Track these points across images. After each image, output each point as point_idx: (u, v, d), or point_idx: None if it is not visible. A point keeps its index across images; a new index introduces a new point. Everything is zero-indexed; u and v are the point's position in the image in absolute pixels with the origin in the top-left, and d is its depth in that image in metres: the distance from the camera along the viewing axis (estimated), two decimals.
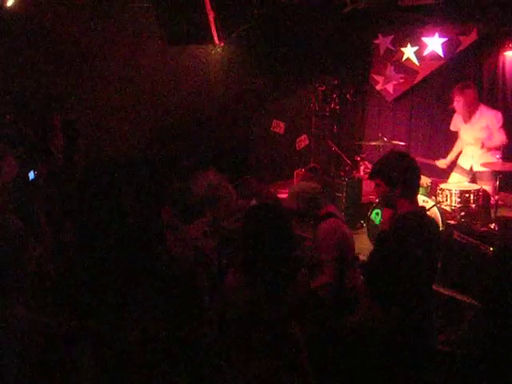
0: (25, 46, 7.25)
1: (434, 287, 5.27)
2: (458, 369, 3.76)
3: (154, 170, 7.98)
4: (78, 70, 7.82)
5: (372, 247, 4.01)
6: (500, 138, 6.97)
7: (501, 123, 6.97)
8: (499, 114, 7.04)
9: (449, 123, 7.55)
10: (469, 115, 7.09)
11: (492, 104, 8.20)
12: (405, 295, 3.14)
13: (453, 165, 7.60)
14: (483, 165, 7.07)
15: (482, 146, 7.07)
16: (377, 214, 7.11)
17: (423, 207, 3.85)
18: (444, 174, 7.74)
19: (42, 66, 7.46)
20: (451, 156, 7.54)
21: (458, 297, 5.36)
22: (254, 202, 5.18)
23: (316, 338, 3.09)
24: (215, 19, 7.67)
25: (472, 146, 7.22)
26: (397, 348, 3.08)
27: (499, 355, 3.43)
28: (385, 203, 3.82)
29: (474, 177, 7.33)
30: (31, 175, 5.60)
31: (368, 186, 8.10)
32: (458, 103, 7.07)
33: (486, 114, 7.06)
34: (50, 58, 7.50)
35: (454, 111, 7.32)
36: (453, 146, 7.55)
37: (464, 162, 7.41)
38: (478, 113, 7.06)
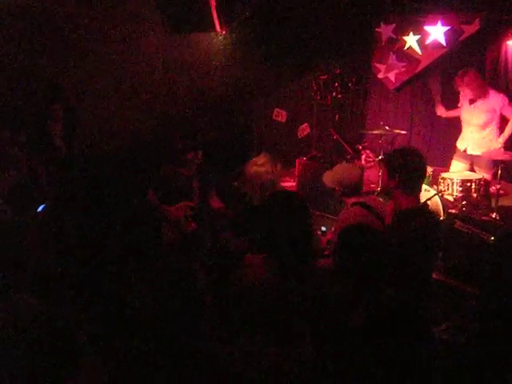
0: (25, 33, 7.23)
1: (435, 276, 5.31)
2: (459, 357, 3.77)
3: (154, 158, 7.99)
4: (78, 57, 7.80)
5: None
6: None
7: (507, 104, 7.11)
8: (506, 98, 7.26)
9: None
10: (479, 95, 7.23)
11: None
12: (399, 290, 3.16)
13: (450, 152, 7.67)
14: (484, 153, 7.11)
15: (484, 126, 7.21)
16: None
17: (424, 204, 3.87)
18: (446, 163, 7.76)
19: (42, 54, 7.45)
20: (452, 112, 7.74)
21: (460, 285, 5.38)
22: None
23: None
24: (217, 7, 7.67)
25: (473, 127, 7.30)
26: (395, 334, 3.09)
27: (499, 343, 3.44)
28: (384, 192, 3.89)
29: (472, 162, 7.40)
30: (40, 208, 5.65)
31: (369, 174, 8.11)
32: (463, 91, 7.19)
33: (493, 97, 7.24)
34: (51, 47, 7.49)
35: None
36: (455, 133, 7.63)
37: (461, 143, 7.51)
38: (484, 97, 7.18)
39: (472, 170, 7.42)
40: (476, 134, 7.32)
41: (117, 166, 7.70)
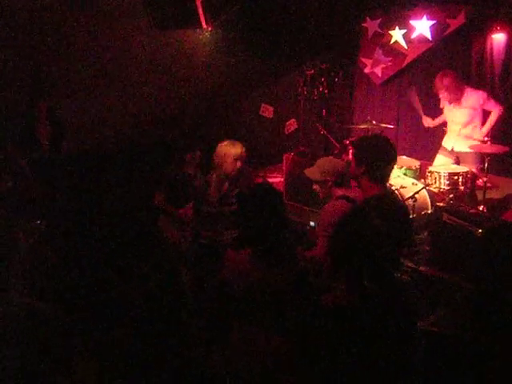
0: (11, 32, 7.18)
1: (423, 269, 5.34)
2: (448, 349, 3.80)
3: (142, 156, 7.98)
4: (63, 56, 7.76)
5: None
6: (495, 109, 7.23)
7: (486, 99, 7.17)
8: (485, 94, 7.27)
9: (437, 106, 7.65)
10: (455, 99, 7.23)
11: (480, 86, 8.24)
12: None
13: (438, 146, 7.71)
14: (471, 147, 7.16)
15: (467, 123, 7.28)
16: None
17: (391, 192, 3.85)
18: (433, 157, 7.80)
19: (26, 54, 7.40)
20: (438, 120, 7.67)
21: (448, 277, 5.41)
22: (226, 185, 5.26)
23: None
24: (202, 3, 7.65)
25: (456, 126, 7.36)
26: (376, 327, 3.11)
27: (487, 335, 3.47)
28: (353, 179, 3.88)
29: (457, 158, 7.45)
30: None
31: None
32: (442, 93, 7.23)
33: (471, 96, 7.25)
34: (36, 45, 7.44)
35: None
36: (442, 127, 7.67)
37: (447, 143, 7.55)
38: (464, 96, 7.21)
39: (457, 164, 7.48)
40: (462, 131, 7.38)
41: (105, 167, 7.69)
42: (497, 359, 3.30)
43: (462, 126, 7.33)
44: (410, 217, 5.26)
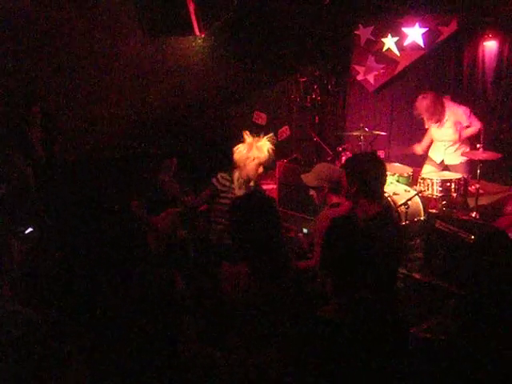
0: (4, 36, 7.17)
1: (416, 276, 5.36)
2: (440, 355, 3.80)
3: (134, 164, 7.97)
4: (56, 61, 7.75)
5: None
6: (475, 125, 7.15)
7: (469, 115, 7.17)
8: (467, 110, 7.29)
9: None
10: (437, 120, 7.28)
11: (472, 94, 8.31)
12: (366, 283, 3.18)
13: (426, 154, 7.74)
14: (463, 154, 7.20)
15: (457, 141, 7.30)
16: None
17: (383, 210, 3.83)
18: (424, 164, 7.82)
19: (20, 58, 7.39)
20: (426, 141, 7.68)
21: (441, 284, 5.41)
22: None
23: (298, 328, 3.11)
24: (195, 10, 7.64)
25: (444, 143, 7.38)
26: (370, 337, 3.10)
27: (479, 341, 3.47)
28: (346, 197, 3.89)
29: (446, 169, 7.47)
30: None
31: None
32: (424, 115, 7.26)
33: (453, 112, 7.28)
34: (29, 51, 7.43)
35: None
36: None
37: (435, 156, 7.57)
38: (446, 114, 7.23)
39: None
40: (450, 148, 7.40)
41: (98, 174, 7.67)
42: (489, 364, 3.31)
43: (452, 142, 7.35)
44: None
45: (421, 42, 8.68)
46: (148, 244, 4.92)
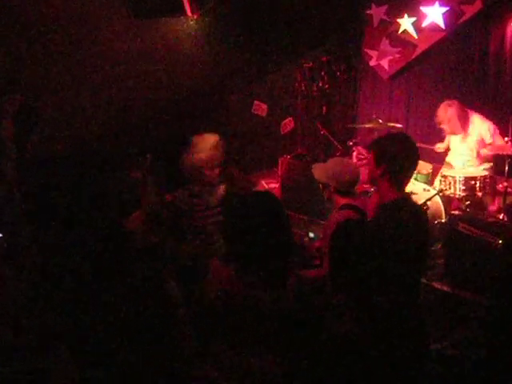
0: None
1: (436, 285, 5.35)
2: (466, 374, 3.80)
3: (117, 159, 7.96)
4: (33, 48, 7.74)
5: None
6: (498, 143, 7.22)
7: (493, 133, 7.19)
8: (492, 126, 7.29)
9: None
10: (459, 130, 7.28)
11: (499, 81, 8.30)
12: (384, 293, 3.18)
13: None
14: (491, 149, 7.20)
15: (476, 159, 7.35)
16: None
17: (410, 196, 3.86)
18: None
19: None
20: (447, 140, 7.68)
21: (464, 295, 5.42)
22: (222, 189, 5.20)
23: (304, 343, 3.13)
24: None
25: (462, 157, 7.39)
26: (387, 355, 3.11)
27: (508, 359, 3.48)
28: (370, 182, 3.90)
29: None
30: None
31: (362, 173, 8.14)
32: (443, 125, 7.27)
33: (478, 127, 7.30)
34: (5, 38, 7.43)
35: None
36: None
37: (454, 161, 7.55)
38: (470, 126, 7.26)
39: None
40: (470, 161, 7.39)
41: (76, 172, 7.67)
42: None
43: (469, 158, 7.35)
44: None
45: (441, 23, 8.67)
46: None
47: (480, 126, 7.26)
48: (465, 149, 7.37)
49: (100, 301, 3.15)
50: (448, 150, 7.73)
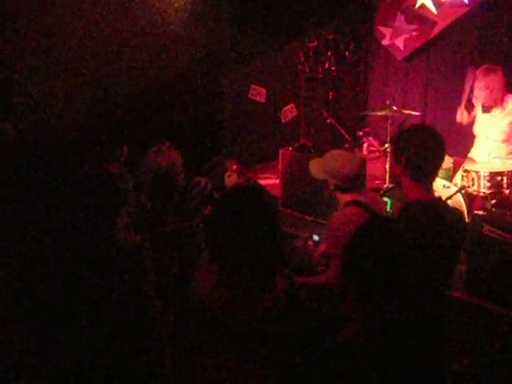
0: None
1: (457, 294, 5.33)
2: None
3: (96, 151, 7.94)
4: (8, 30, 7.73)
5: None
6: None
7: None
8: None
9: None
10: (492, 105, 7.22)
11: None
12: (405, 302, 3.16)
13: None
14: None
15: (506, 141, 7.28)
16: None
17: (440, 198, 3.86)
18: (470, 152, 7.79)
19: None
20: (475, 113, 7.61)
21: (489, 306, 5.40)
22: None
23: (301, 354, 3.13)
24: None
25: (491, 143, 7.33)
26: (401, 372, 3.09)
27: None
28: (395, 181, 3.91)
29: None
30: None
31: (373, 168, 8.13)
32: (480, 91, 7.18)
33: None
34: None
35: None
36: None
37: (477, 156, 7.49)
38: (504, 104, 7.20)
39: None
40: (497, 150, 7.31)
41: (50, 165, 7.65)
42: None
43: (501, 142, 7.28)
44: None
45: None
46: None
47: None
48: (493, 131, 7.29)
49: (75, 313, 3.18)
50: (472, 123, 7.62)
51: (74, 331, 3.23)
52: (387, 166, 7.49)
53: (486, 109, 7.29)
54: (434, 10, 8.97)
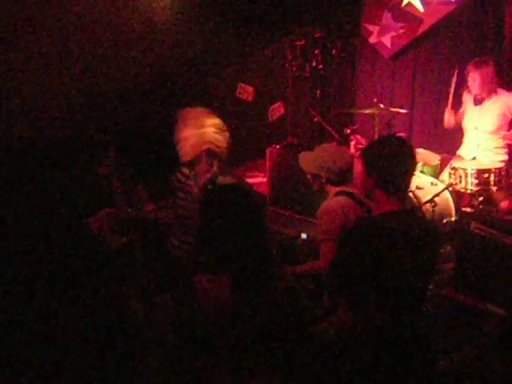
0: None
1: (445, 292, 5.33)
2: None
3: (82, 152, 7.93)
4: None
5: None
6: None
7: None
8: None
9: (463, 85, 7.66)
10: (483, 97, 7.28)
11: None
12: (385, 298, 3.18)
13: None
14: (505, 137, 7.19)
15: (494, 133, 7.32)
16: None
17: (413, 208, 3.85)
18: (457, 149, 7.81)
19: None
20: (461, 118, 7.64)
21: (476, 304, 5.41)
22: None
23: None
24: None
25: (479, 134, 7.36)
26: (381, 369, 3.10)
27: None
28: (365, 193, 3.90)
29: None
30: None
31: (360, 166, 8.12)
32: (474, 82, 7.23)
33: (503, 100, 7.31)
34: None
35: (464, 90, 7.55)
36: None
37: (466, 152, 7.52)
38: (494, 97, 7.26)
39: None
40: (486, 142, 7.36)
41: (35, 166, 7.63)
42: None
43: (489, 134, 7.32)
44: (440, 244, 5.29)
45: None
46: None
47: (507, 98, 7.29)
48: (483, 122, 7.33)
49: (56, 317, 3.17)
50: (459, 123, 7.65)
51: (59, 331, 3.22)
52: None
53: (478, 101, 7.35)
54: (420, 7, 8.98)
